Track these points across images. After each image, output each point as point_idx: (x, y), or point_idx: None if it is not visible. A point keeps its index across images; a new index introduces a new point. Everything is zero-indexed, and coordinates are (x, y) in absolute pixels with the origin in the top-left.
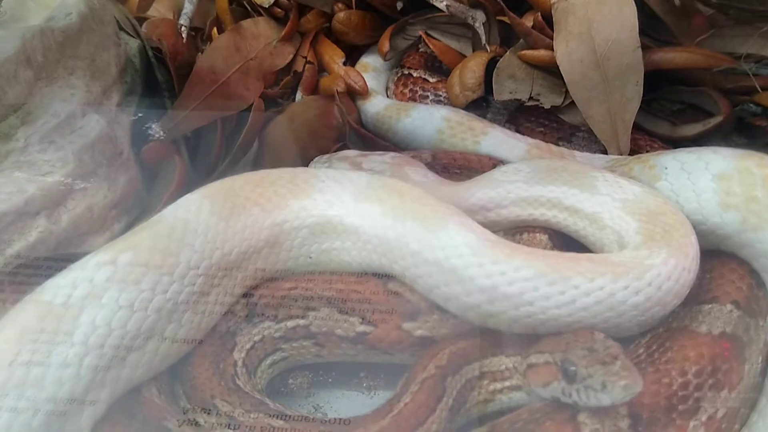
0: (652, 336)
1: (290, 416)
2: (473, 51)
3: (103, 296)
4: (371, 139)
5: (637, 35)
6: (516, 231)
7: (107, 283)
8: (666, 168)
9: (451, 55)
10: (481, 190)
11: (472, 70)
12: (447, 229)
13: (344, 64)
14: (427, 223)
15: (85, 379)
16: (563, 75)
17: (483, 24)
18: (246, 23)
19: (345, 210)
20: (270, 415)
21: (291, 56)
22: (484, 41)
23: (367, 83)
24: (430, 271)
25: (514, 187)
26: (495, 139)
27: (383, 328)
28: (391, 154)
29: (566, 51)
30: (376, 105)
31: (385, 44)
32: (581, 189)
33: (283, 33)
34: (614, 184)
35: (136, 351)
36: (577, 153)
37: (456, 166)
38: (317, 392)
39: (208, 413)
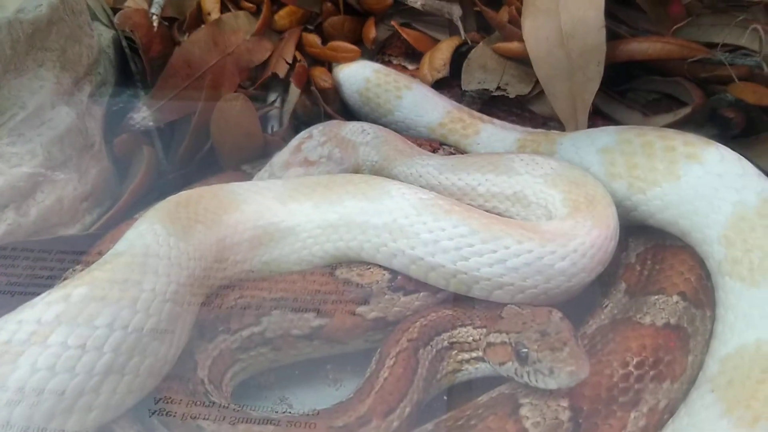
0: (597, 327)
1: (277, 419)
2: None
3: (50, 336)
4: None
5: (603, 15)
6: None
7: (56, 321)
8: (561, 144)
9: (426, 43)
10: (398, 167)
11: (441, 50)
12: (391, 197)
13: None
14: (369, 196)
15: (16, 429)
16: (529, 52)
17: (460, 18)
18: (226, 17)
19: (276, 216)
20: (257, 422)
21: (268, 53)
22: (464, 36)
23: None
24: (378, 232)
25: (425, 171)
26: (418, 94)
27: (338, 317)
28: (317, 136)
29: (533, 27)
30: None
31: (371, 30)
32: (497, 173)
33: (256, 28)
34: (531, 162)
35: (88, 394)
36: (496, 120)
37: None
38: (284, 386)
39: None
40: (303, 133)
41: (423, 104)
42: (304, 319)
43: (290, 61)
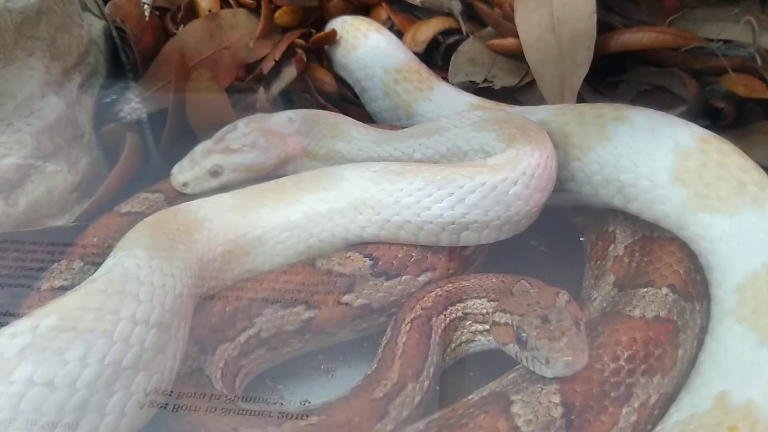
0: (587, 321)
1: (315, 409)
2: None
3: (13, 372)
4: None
5: (594, 1)
6: None
7: (20, 355)
8: None
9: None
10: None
11: (428, 26)
12: (346, 179)
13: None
14: (325, 186)
15: None
16: (520, 36)
17: (461, 13)
18: (224, 12)
19: (239, 228)
20: (299, 417)
21: (267, 51)
22: (465, 31)
23: None
24: (344, 213)
25: (364, 146)
26: (384, 39)
27: (326, 307)
28: (242, 128)
29: (525, 12)
30: None
31: (382, 13)
32: (428, 135)
33: (258, 32)
34: (457, 118)
35: None
36: (453, 84)
37: None
38: (276, 378)
39: None
40: (228, 126)
41: (387, 48)
42: (294, 313)
43: (277, 59)
